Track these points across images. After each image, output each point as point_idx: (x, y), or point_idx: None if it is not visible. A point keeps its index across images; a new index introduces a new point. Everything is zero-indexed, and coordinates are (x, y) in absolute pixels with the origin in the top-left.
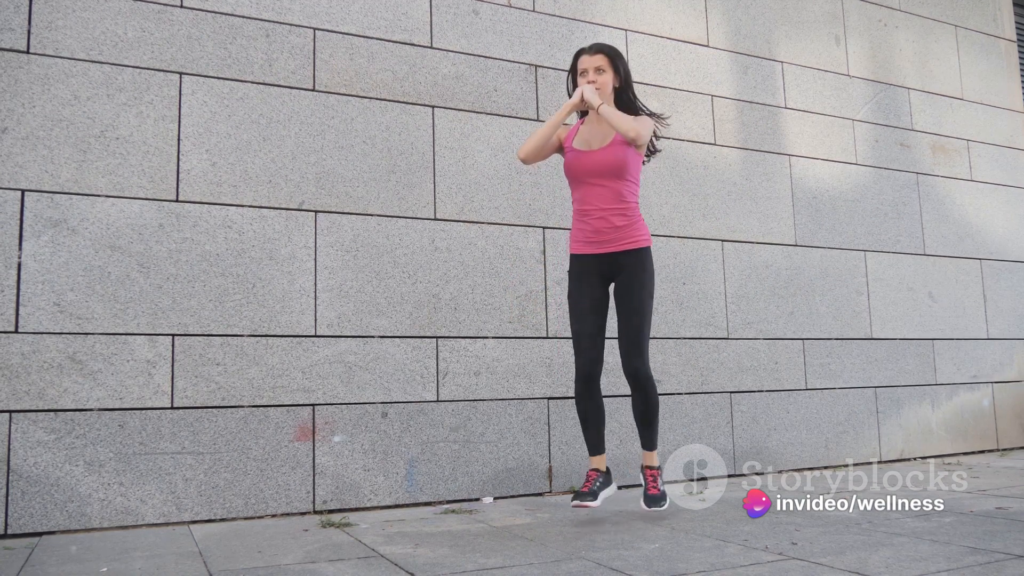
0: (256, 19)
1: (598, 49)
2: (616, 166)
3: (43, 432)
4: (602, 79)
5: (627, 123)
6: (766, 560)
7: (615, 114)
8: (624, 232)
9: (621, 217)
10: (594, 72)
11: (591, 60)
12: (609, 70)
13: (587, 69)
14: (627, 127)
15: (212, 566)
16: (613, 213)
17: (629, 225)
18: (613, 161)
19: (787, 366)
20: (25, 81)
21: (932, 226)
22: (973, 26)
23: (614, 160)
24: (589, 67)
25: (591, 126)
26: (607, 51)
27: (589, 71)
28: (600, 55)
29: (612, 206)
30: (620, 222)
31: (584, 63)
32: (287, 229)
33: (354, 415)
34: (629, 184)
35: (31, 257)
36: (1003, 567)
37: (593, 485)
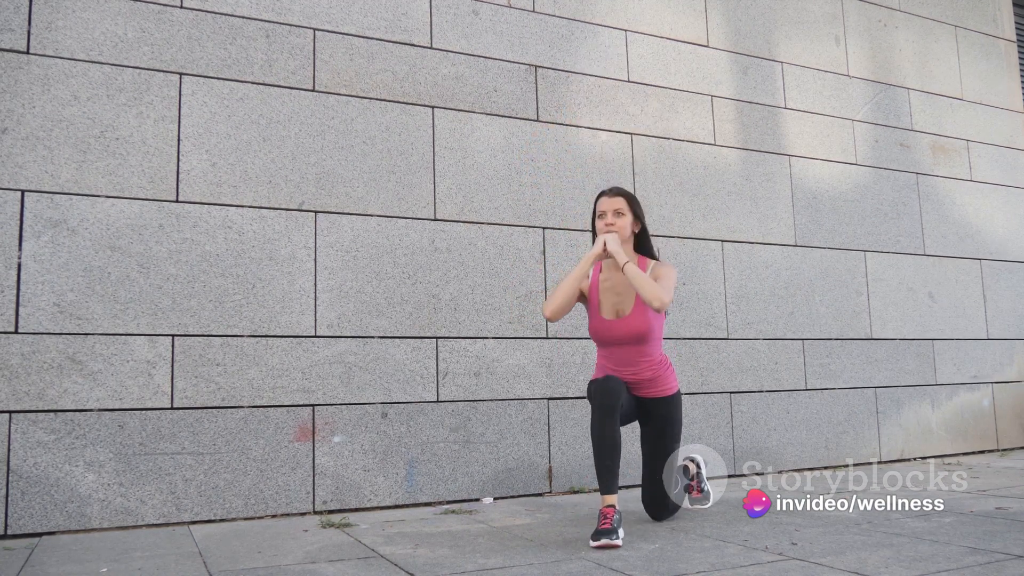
0: (256, 19)
1: (617, 192)
2: (642, 334)
3: (43, 432)
4: (621, 222)
5: (652, 291)
6: (766, 560)
7: (639, 278)
8: (652, 383)
9: (648, 371)
10: (613, 215)
11: (610, 203)
12: (628, 213)
13: (606, 211)
14: (651, 295)
15: (212, 566)
16: (641, 369)
17: (656, 378)
18: (640, 330)
19: (787, 366)
20: (25, 81)
21: (932, 226)
22: (973, 26)
23: (640, 329)
24: (608, 210)
25: (614, 278)
26: (625, 194)
27: (608, 213)
28: (619, 198)
29: (639, 363)
30: (647, 375)
31: (603, 205)
32: (287, 229)
33: (354, 415)
34: (654, 343)
35: (31, 257)
36: (1003, 567)
37: (613, 521)
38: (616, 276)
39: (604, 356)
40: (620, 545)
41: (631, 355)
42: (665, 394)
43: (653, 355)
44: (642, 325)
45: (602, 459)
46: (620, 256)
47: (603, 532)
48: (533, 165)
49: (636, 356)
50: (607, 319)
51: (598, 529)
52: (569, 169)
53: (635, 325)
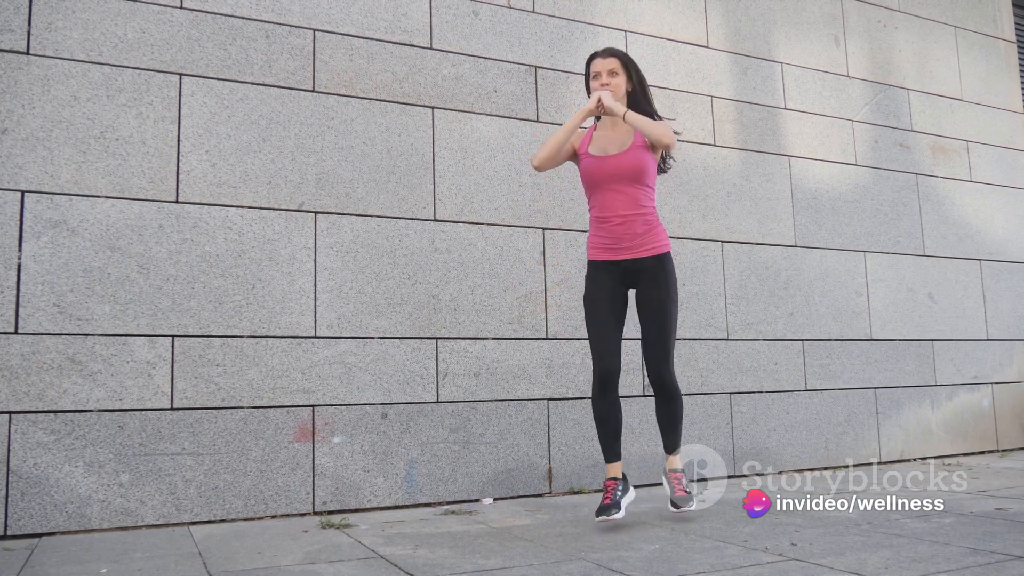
0: (256, 20)
1: (611, 52)
2: (636, 170)
3: (43, 433)
4: (615, 82)
5: (659, 129)
6: (766, 561)
7: (644, 120)
8: (644, 238)
9: (641, 223)
10: (607, 75)
11: (604, 63)
12: (622, 73)
13: (600, 72)
14: (659, 133)
15: (212, 567)
16: (632, 219)
17: (649, 231)
18: (633, 165)
19: (787, 367)
20: (25, 82)
21: (932, 227)
22: (972, 27)
23: (634, 164)
24: (602, 70)
25: (606, 132)
26: (619, 54)
27: (602, 74)
28: (613, 58)
29: (631, 212)
30: (640, 228)
31: (597, 66)
32: (287, 230)
33: (354, 416)
34: (647, 190)
35: (31, 258)
36: (1003, 568)
37: (614, 496)
38: (610, 132)
39: (596, 207)
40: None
41: (624, 200)
42: (657, 252)
43: (645, 203)
44: (636, 160)
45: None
46: (618, 108)
47: (605, 508)
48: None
49: (629, 202)
50: (597, 155)
51: (601, 505)
52: (569, 170)
53: (627, 160)
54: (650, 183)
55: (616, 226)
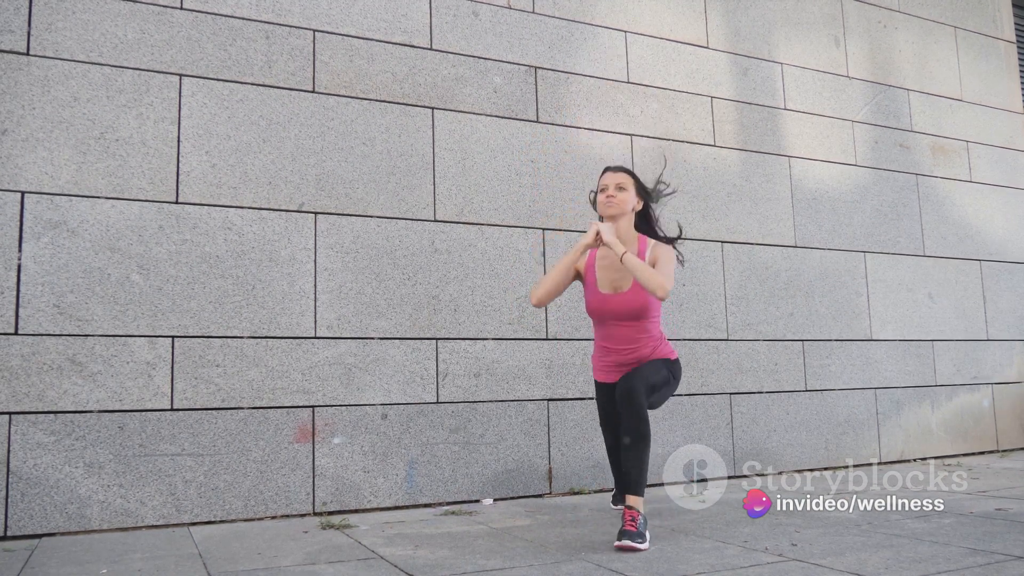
0: (256, 21)
1: (621, 168)
2: (641, 310)
3: (43, 434)
4: (621, 196)
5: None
6: (766, 561)
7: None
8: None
9: (645, 348)
10: (614, 188)
11: (614, 177)
12: (630, 189)
13: (608, 185)
14: (653, 285)
15: (212, 568)
16: (637, 348)
17: (652, 353)
18: (638, 306)
19: (787, 367)
20: (25, 83)
21: (932, 227)
22: (972, 27)
23: (639, 305)
24: (610, 183)
25: (611, 256)
26: (629, 171)
27: (609, 187)
28: (623, 173)
29: (635, 344)
30: (647, 352)
31: (606, 179)
32: (287, 231)
33: (354, 416)
34: (652, 320)
35: (31, 259)
36: (1003, 568)
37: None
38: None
39: (601, 336)
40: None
41: (629, 332)
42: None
43: (651, 331)
44: (640, 300)
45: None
46: (617, 247)
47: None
48: (533, 166)
49: (634, 333)
50: (604, 293)
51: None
52: (569, 170)
53: (633, 300)
54: (654, 315)
55: (619, 355)
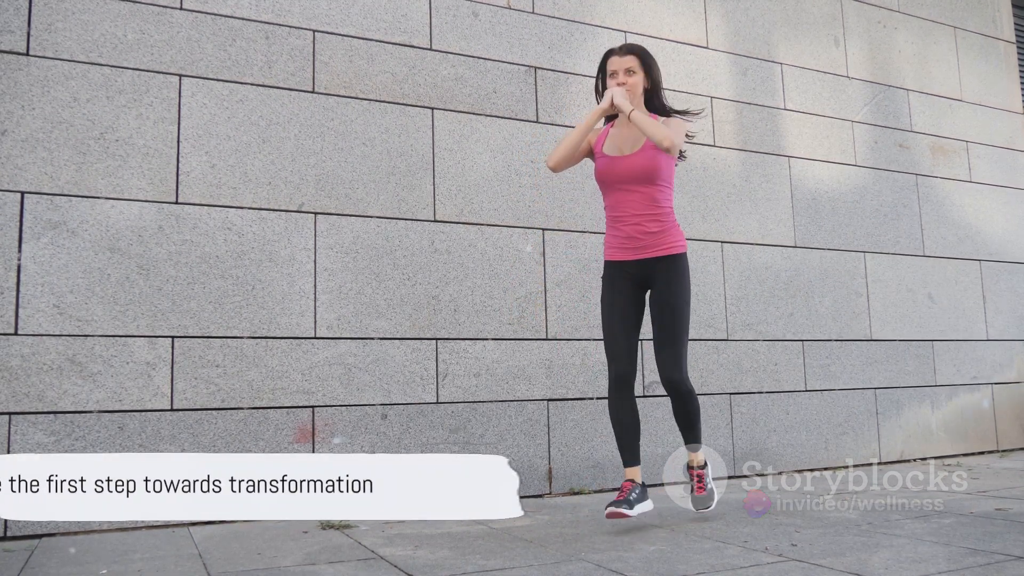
0: (256, 21)
1: (629, 50)
2: (649, 171)
3: (43, 434)
4: (632, 80)
5: (660, 131)
6: (766, 562)
7: (647, 121)
8: (659, 238)
9: (655, 223)
10: (624, 73)
11: (621, 61)
12: (640, 71)
13: (617, 71)
14: (660, 135)
15: (212, 568)
16: (647, 219)
17: (663, 231)
18: (646, 166)
19: (787, 367)
20: (25, 83)
21: (931, 227)
22: (972, 27)
23: (647, 165)
24: (619, 68)
25: (621, 130)
26: (638, 52)
27: (619, 72)
28: (631, 56)
29: (646, 212)
30: (654, 228)
31: (614, 64)
32: (287, 231)
33: (354, 417)
34: (663, 188)
35: (31, 259)
36: (1003, 568)
37: (629, 495)
38: (624, 131)
39: (611, 207)
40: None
41: (638, 199)
42: (671, 252)
43: (661, 203)
44: (649, 161)
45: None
46: (625, 106)
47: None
48: (533, 166)
49: (644, 200)
50: (611, 155)
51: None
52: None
53: (641, 161)
54: (665, 182)
55: (629, 226)
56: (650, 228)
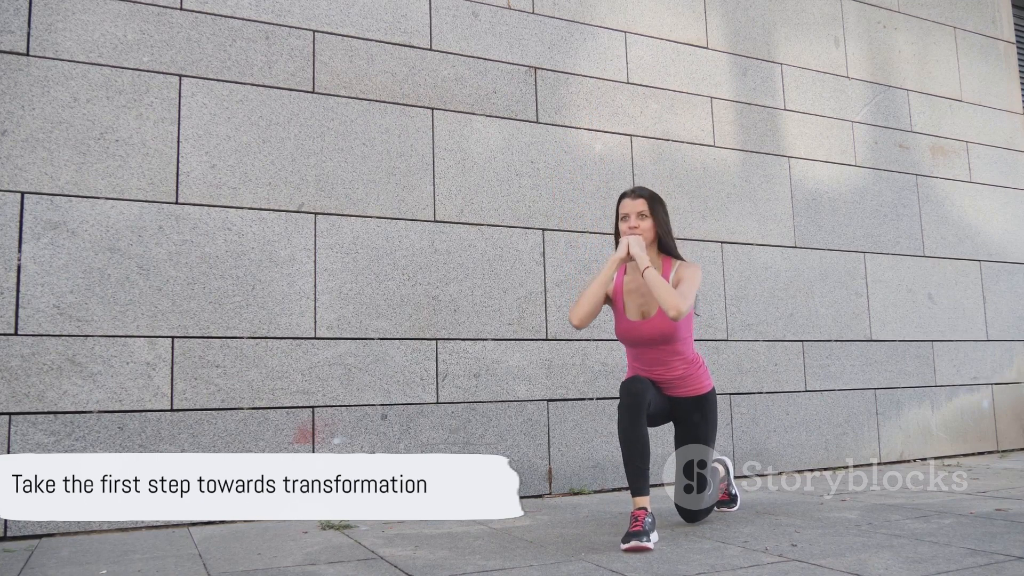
0: (256, 21)
1: (639, 193)
2: (669, 335)
3: (43, 434)
4: (644, 224)
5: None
6: (766, 562)
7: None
8: (684, 381)
9: (679, 370)
10: (636, 217)
11: (633, 205)
12: (651, 216)
13: (629, 214)
14: (669, 304)
15: (212, 568)
16: (671, 368)
17: (687, 376)
18: (665, 331)
19: (787, 368)
20: (25, 83)
21: (931, 228)
22: (972, 28)
23: (666, 330)
24: (632, 212)
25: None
26: (646, 195)
27: (631, 215)
28: (641, 199)
29: (669, 365)
30: (678, 373)
31: (626, 207)
32: (287, 231)
33: (354, 417)
34: (684, 341)
35: (31, 259)
36: (1003, 568)
37: (644, 524)
38: (640, 278)
39: (633, 356)
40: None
41: (659, 355)
42: (698, 393)
43: (684, 354)
44: (668, 326)
45: (631, 460)
46: (642, 260)
47: (633, 534)
48: (533, 167)
49: (665, 356)
50: (633, 320)
51: (628, 531)
52: (569, 171)
53: (661, 326)
54: (684, 335)
55: (653, 375)
56: (674, 374)
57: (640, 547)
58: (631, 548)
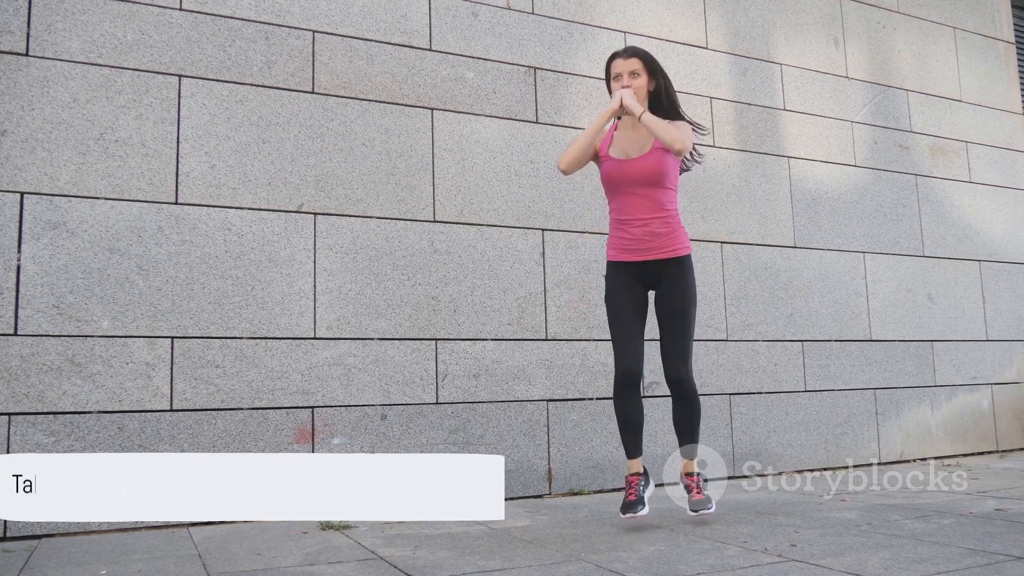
0: (255, 21)
1: (632, 52)
2: (656, 174)
3: (42, 435)
4: (637, 83)
5: (671, 133)
6: (766, 562)
7: (658, 123)
8: (664, 240)
9: (661, 225)
10: (628, 76)
11: (625, 64)
12: (644, 73)
13: (621, 73)
14: (671, 137)
15: (211, 568)
16: (653, 222)
17: (669, 233)
18: (653, 169)
19: (786, 368)
20: (24, 84)
21: (931, 227)
22: (972, 28)
23: (654, 168)
24: (624, 71)
25: (627, 132)
26: (641, 54)
27: (624, 75)
28: (634, 58)
29: (652, 215)
30: (660, 230)
31: (618, 67)
32: (286, 231)
33: (353, 417)
34: (669, 191)
35: (30, 259)
36: (1002, 568)
37: (638, 491)
38: (630, 133)
39: (617, 210)
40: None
41: (644, 202)
42: (678, 254)
43: (667, 206)
44: (657, 164)
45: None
46: (635, 108)
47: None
48: (532, 167)
49: (650, 204)
50: (619, 158)
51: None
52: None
53: (649, 164)
54: (671, 185)
55: (636, 228)
56: (656, 230)
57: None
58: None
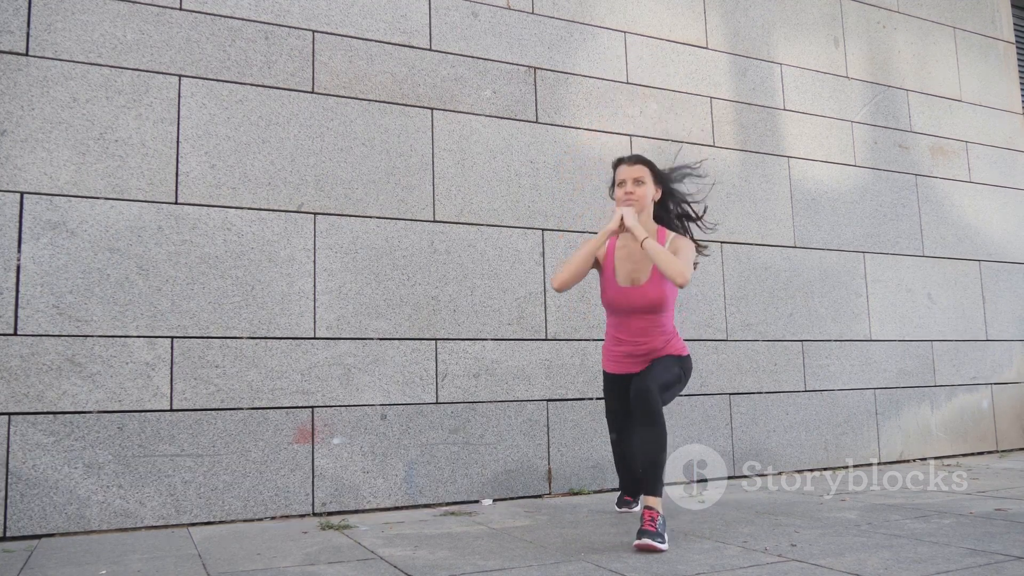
0: (255, 21)
1: (636, 160)
2: (657, 303)
3: (42, 435)
4: (640, 191)
5: (674, 267)
6: (766, 562)
7: (659, 253)
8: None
9: (660, 341)
10: (633, 183)
11: (630, 171)
12: (649, 181)
13: (626, 180)
14: (674, 271)
15: (211, 568)
16: (650, 341)
17: (663, 348)
18: (654, 298)
19: (786, 368)
20: (24, 83)
21: (931, 227)
22: (971, 28)
23: (655, 297)
24: (628, 178)
25: (630, 251)
26: (645, 162)
27: (628, 182)
28: (639, 165)
29: (649, 336)
30: (658, 344)
31: (623, 173)
32: (286, 231)
33: (353, 417)
34: (668, 312)
35: (30, 259)
36: (1002, 568)
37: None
38: (633, 246)
39: (615, 326)
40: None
41: (643, 324)
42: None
43: (665, 325)
44: (658, 294)
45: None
46: (639, 232)
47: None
48: (532, 167)
49: (648, 326)
50: (623, 286)
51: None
52: (568, 171)
53: (651, 294)
54: (671, 305)
55: (632, 346)
56: (654, 344)
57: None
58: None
